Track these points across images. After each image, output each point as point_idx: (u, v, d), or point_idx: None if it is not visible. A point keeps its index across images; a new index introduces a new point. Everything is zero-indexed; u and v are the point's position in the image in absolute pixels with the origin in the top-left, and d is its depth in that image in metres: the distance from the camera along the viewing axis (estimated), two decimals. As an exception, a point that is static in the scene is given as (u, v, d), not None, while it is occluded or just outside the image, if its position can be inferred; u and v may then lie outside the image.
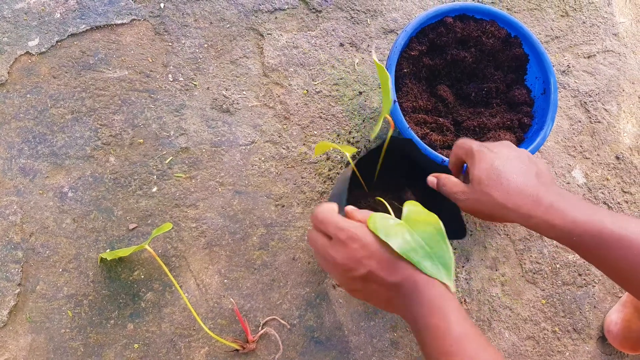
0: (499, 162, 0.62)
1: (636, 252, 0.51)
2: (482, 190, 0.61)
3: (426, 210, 0.61)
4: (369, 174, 0.86)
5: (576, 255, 1.03)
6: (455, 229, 0.75)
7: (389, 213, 0.62)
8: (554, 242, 1.03)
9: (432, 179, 0.72)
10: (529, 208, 0.58)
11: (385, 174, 0.88)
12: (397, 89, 0.95)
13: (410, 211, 0.61)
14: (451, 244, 0.97)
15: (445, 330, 0.51)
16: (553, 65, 1.08)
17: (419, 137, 0.90)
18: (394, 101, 0.87)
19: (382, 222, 0.57)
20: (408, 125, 0.87)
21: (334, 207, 0.62)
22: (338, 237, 0.58)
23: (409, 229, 0.57)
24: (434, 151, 0.85)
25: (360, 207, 0.64)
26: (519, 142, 0.94)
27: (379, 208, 0.83)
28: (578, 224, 0.55)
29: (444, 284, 0.53)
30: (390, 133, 0.74)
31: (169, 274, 0.81)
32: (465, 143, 0.68)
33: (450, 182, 0.68)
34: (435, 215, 0.58)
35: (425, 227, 0.57)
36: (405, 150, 0.83)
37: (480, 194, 0.62)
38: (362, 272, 0.56)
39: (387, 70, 0.89)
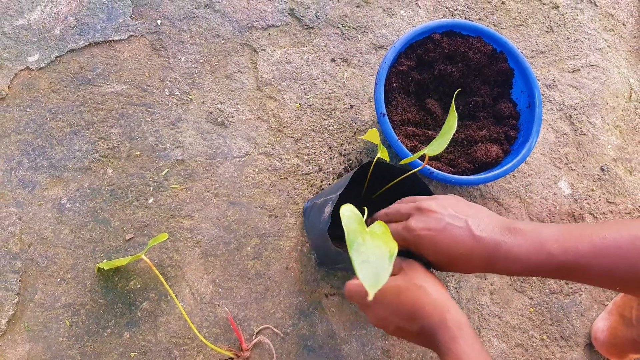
0: (443, 242, 0.62)
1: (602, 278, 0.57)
2: (449, 264, 0.64)
3: (390, 237, 0.66)
4: (373, 188, 0.89)
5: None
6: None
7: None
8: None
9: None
10: (491, 265, 0.61)
11: (387, 197, 0.91)
12: (387, 102, 0.98)
13: (377, 229, 0.66)
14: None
15: None
16: (538, 80, 1.12)
17: (408, 149, 0.93)
18: (383, 114, 0.90)
19: (354, 237, 0.63)
20: (397, 138, 0.90)
21: (354, 285, 0.67)
22: (367, 305, 0.66)
23: (373, 247, 0.62)
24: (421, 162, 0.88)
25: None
26: (506, 154, 0.97)
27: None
28: (532, 266, 0.59)
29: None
30: (377, 156, 0.78)
31: (164, 283, 0.83)
32: (397, 235, 0.68)
33: (391, 227, 0.71)
34: (396, 244, 0.63)
35: (383, 247, 0.61)
36: (410, 184, 0.87)
37: (449, 267, 0.65)
38: (392, 328, 0.65)
39: (376, 84, 0.92)
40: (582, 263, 0.56)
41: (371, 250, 0.63)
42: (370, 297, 0.54)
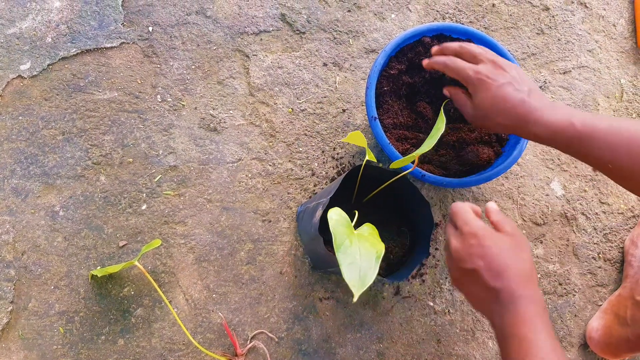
0: (497, 92, 0.72)
1: (602, 150, 0.63)
2: (486, 115, 0.74)
3: (378, 238, 0.68)
4: (365, 191, 0.90)
5: (556, 265, 1.06)
6: (423, 250, 0.86)
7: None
8: (534, 252, 1.06)
9: (445, 91, 0.86)
10: (521, 124, 0.70)
11: (378, 200, 0.92)
12: (378, 106, 0.98)
13: (365, 231, 0.69)
14: (432, 257, 1.00)
15: (532, 342, 0.56)
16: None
17: (400, 152, 0.93)
18: (375, 118, 0.91)
19: (342, 240, 0.64)
20: (389, 141, 0.90)
21: (468, 205, 0.71)
22: (462, 230, 0.67)
23: (359, 249, 0.64)
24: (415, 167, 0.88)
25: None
26: (497, 156, 0.97)
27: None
28: (558, 132, 0.67)
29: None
30: (365, 159, 0.79)
31: (158, 289, 0.83)
32: (463, 70, 0.77)
33: (460, 99, 0.81)
34: (383, 245, 0.66)
35: (370, 248, 0.64)
36: (400, 187, 0.88)
37: (483, 118, 0.75)
38: (469, 267, 0.64)
39: (367, 88, 0.93)
40: (594, 136, 0.64)
41: (358, 252, 0.64)
42: (355, 299, 0.55)
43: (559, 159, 1.12)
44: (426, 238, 0.86)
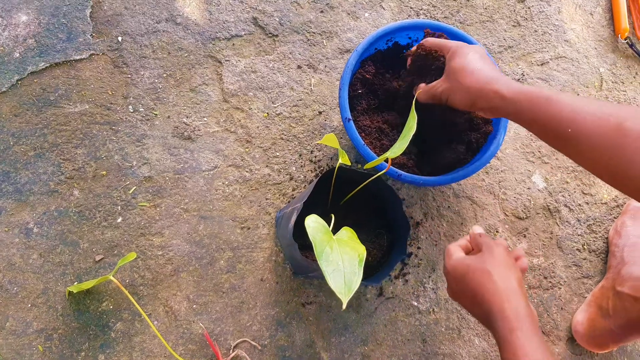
0: (471, 57, 0.76)
1: (564, 112, 0.62)
2: (457, 79, 0.75)
3: (358, 241, 0.69)
4: (341, 194, 0.89)
5: (540, 258, 1.05)
6: (400, 250, 0.87)
7: None
8: (517, 246, 1.05)
9: (416, 88, 0.88)
10: (488, 89, 0.71)
11: (356, 202, 0.91)
12: (353, 107, 0.97)
13: (344, 235, 0.69)
14: (414, 256, 0.99)
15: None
16: (507, 75, 1.12)
17: (376, 153, 0.92)
18: (348, 119, 0.90)
19: (322, 247, 0.63)
20: (364, 142, 0.89)
21: (456, 247, 0.77)
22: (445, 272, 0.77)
23: (341, 255, 0.63)
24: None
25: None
26: (474, 153, 0.96)
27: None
28: (522, 93, 0.67)
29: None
30: (338, 162, 0.78)
31: (135, 303, 0.82)
32: (444, 42, 0.83)
33: (428, 86, 0.83)
34: (364, 247, 0.66)
35: (351, 253, 0.64)
36: (376, 188, 0.87)
37: (455, 82, 0.76)
38: (463, 304, 0.73)
39: (340, 89, 0.91)
40: (560, 98, 0.64)
41: (340, 257, 0.63)
42: (344, 307, 0.55)
43: (539, 151, 1.11)
44: (402, 238, 0.85)
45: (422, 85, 0.86)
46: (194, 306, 0.93)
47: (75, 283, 0.90)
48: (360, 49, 0.94)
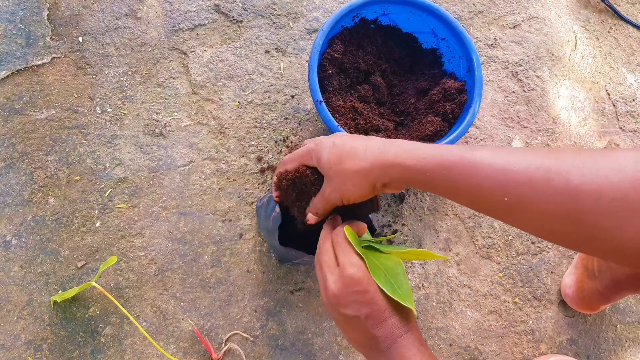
0: (339, 141, 0.62)
1: (482, 175, 0.51)
2: (339, 171, 0.61)
3: (385, 255, 0.63)
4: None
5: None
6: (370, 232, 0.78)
7: None
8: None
9: (310, 217, 0.70)
10: (381, 162, 0.58)
11: None
12: (324, 89, 0.95)
13: (376, 256, 0.63)
14: (400, 233, 0.99)
15: None
16: (479, 41, 1.10)
17: (350, 133, 0.91)
18: (320, 101, 0.88)
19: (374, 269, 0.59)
20: (337, 124, 0.88)
21: (354, 228, 0.63)
22: (344, 271, 0.57)
23: (386, 273, 0.59)
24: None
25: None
26: (451, 125, 0.95)
27: None
28: (427, 159, 0.54)
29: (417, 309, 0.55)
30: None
31: (120, 307, 0.81)
32: (298, 151, 0.68)
33: (313, 204, 0.68)
34: (393, 258, 0.61)
35: (391, 269, 0.59)
36: None
37: (339, 176, 0.61)
38: (350, 314, 0.56)
39: (309, 71, 0.90)
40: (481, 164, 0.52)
41: (383, 272, 0.60)
42: (415, 313, 0.55)
43: (517, 116, 1.10)
44: (368, 218, 0.82)
45: (310, 210, 0.69)
46: (182, 304, 0.92)
47: (60, 292, 0.89)
48: (327, 27, 0.92)
